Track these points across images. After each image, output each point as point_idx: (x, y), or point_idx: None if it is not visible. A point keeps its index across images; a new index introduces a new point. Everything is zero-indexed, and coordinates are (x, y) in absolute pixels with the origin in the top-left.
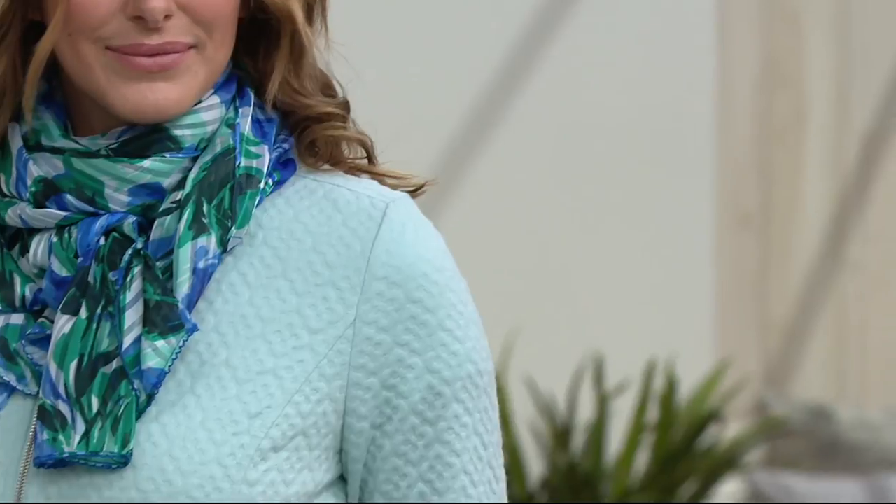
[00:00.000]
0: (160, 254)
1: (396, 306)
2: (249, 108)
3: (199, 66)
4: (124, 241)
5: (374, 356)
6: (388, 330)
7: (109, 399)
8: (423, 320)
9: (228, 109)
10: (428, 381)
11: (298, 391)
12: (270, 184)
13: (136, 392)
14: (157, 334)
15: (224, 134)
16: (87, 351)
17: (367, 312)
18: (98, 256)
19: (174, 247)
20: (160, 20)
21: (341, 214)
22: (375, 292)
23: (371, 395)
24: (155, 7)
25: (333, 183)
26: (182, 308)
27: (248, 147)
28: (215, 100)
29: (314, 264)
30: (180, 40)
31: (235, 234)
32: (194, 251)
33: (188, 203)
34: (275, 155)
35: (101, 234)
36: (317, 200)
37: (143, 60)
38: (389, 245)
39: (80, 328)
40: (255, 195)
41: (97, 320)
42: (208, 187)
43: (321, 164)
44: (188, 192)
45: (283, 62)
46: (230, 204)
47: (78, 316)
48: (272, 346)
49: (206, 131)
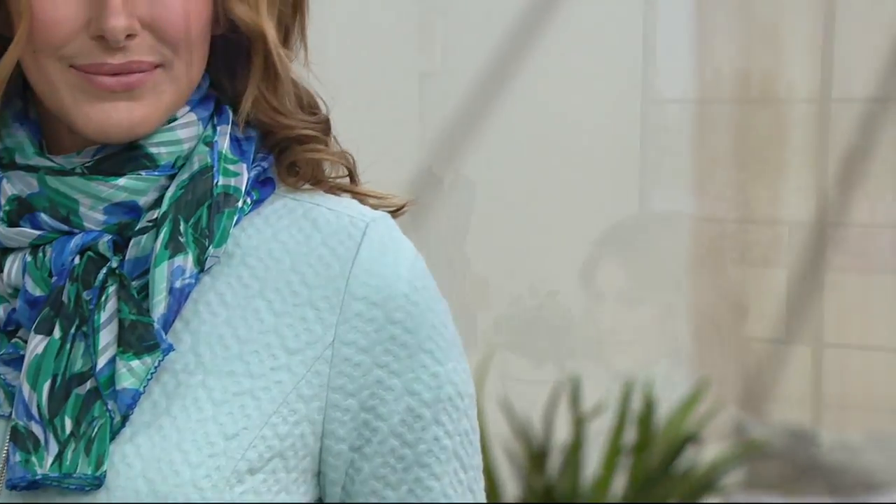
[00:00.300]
0: (136, 273)
1: (376, 327)
2: (227, 126)
3: (167, 84)
4: (99, 260)
5: (352, 377)
6: (368, 351)
7: (83, 420)
8: (402, 341)
9: (206, 127)
10: (407, 403)
11: (276, 412)
12: (249, 203)
13: (111, 413)
14: (132, 354)
15: (202, 152)
16: (61, 371)
17: (345, 333)
18: (72, 276)
19: (150, 266)
20: (122, 40)
21: (320, 234)
22: (354, 313)
23: (350, 416)
24: (116, 27)
25: (313, 202)
26: (158, 328)
27: (226, 165)
28: (192, 117)
29: (293, 284)
30: (145, 59)
31: (213, 254)
32: (171, 270)
33: (165, 222)
34: (253, 173)
35: (76, 253)
36: (296, 219)
37: (106, 80)
38: (369, 265)
39: (53, 348)
40: (233, 214)
41: (71, 340)
42: (185, 206)
43: (302, 183)
44: (165, 210)
45: (257, 81)
46: (208, 223)
47: (51, 336)
48: (249, 366)
49: (182, 149)
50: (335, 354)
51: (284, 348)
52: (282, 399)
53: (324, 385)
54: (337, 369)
